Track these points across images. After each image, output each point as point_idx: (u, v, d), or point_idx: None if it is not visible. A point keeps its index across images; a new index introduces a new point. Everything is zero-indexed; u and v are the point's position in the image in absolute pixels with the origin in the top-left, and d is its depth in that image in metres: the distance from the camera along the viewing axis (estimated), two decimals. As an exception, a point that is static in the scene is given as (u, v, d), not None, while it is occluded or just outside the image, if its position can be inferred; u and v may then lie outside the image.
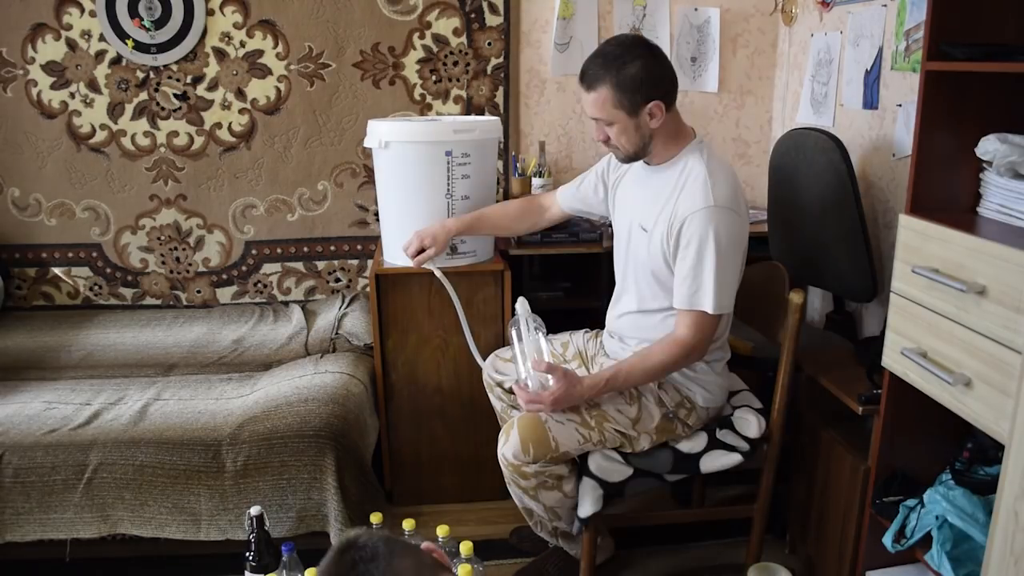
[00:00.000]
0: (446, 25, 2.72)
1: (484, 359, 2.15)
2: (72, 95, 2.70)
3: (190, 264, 2.88)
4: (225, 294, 2.92)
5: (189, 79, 2.70)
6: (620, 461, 1.81)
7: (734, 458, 1.84)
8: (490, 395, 2.16)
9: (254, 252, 2.88)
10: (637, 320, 1.88)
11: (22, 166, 2.75)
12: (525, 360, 1.79)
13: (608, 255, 2.29)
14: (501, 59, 2.77)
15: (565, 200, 2.11)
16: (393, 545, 0.97)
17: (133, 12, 2.61)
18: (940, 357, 1.37)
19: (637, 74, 1.67)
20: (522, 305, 1.82)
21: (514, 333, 1.82)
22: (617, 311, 1.96)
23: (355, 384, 2.25)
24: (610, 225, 2.05)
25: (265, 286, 2.92)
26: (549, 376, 1.73)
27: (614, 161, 1.97)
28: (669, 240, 1.73)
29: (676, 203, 1.73)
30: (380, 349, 2.30)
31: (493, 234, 2.29)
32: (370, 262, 2.85)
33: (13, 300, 2.87)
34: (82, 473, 1.92)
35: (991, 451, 1.51)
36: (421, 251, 2.11)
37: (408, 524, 1.70)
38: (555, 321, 2.22)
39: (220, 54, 2.69)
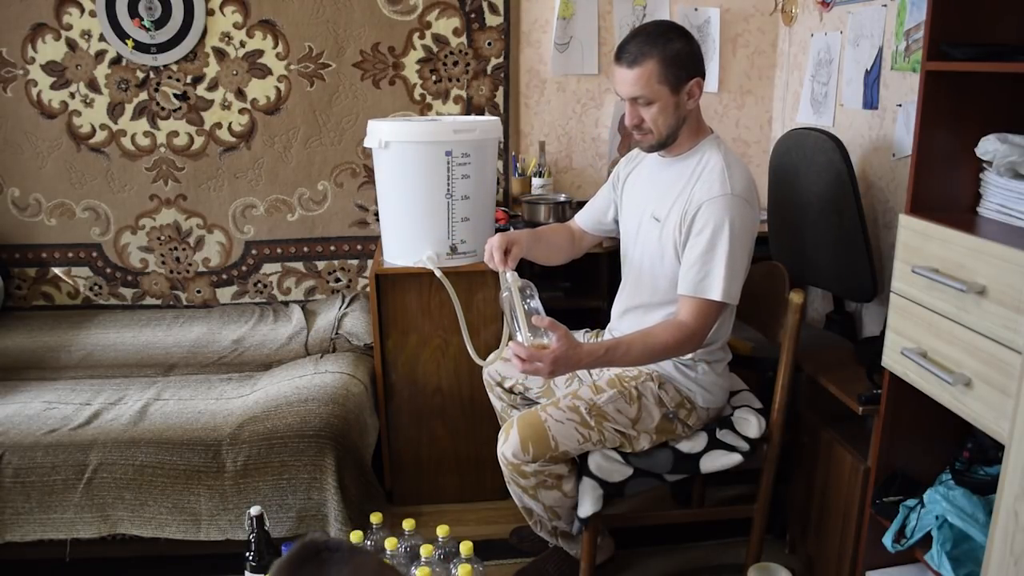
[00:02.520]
0: (446, 25, 2.72)
1: (483, 359, 2.14)
2: (72, 95, 2.70)
3: (190, 264, 2.88)
4: (225, 294, 2.92)
5: (189, 79, 2.70)
6: (620, 461, 1.81)
7: (734, 458, 1.84)
8: (490, 395, 2.16)
9: (254, 252, 2.88)
10: (641, 317, 1.87)
11: (22, 166, 2.75)
12: (519, 325, 1.68)
13: (608, 255, 2.30)
14: (501, 59, 2.77)
15: (583, 219, 2.08)
16: (356, 546, 0.97)
17: (133, 12, 2.61)
18: (940, 357, 1.37)
19: (683, 49, 1.68)
20: (512, 275, 1.74)
21: (505, 300, 1.75)
22: (621, 308, 1.95)
23: (355, 384, 2.26)
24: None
25: (265, 286, 2.92)
26: (552, 334, 1.62)
27: (623, 162, 1.99)
28: (682, 227, 1.73)
29: (692, 191, 1.73)
30: (380, 349, 2.30)
31: (549, 254, 2.04)
32: (370, 262, 2.85)
33: (13, 300, 2.87)
34: (82, 473, 1.92)
35: (991, 451, 1.51)
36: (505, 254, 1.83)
37: (408, 524, 1.70)
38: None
39: (220, 54, 2.69)
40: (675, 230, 1.74)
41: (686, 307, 1.72)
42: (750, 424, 1.88)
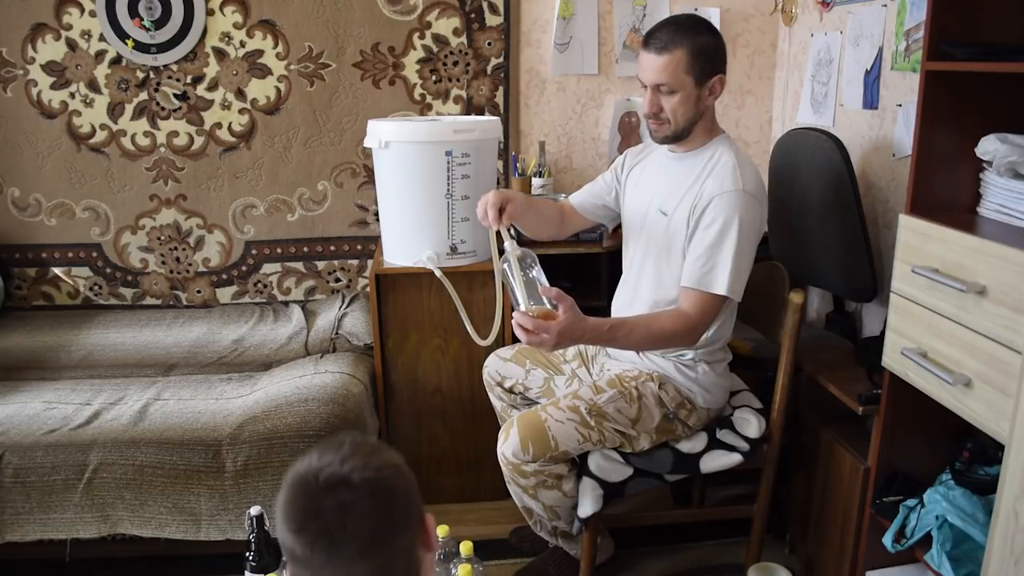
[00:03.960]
0: (446, 25, 2.72)
1: (481, 365, 2.12)
2: (72, 95, 2.70)
3: (190, 264, 2.88)
4: (225, 294, 2.92)
5: (189, 79, 2.70)
6: (620, 461, 1.81)
7: (734, 458, 1.84)
8: (490, 395, 2.16)
9: (254, 252, 2.88)
10: (643, 311, 1.87)
11: (22, 166, 2.75)
12: (519, 295, 1.64)
13: (609, 255, 2.30)
14: (501, 59, 2.77)
15: (576, 198, 2.07)
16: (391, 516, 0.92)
17: (133, 12, 2.61)
18: (940, 357, 1.37)
19: (711, 43, 1.70)
20: (511, 244, 1.68)
21: (507, 270, 1.67)
22: (623, 302, 1.94)
23: (355, 384, 2.26)
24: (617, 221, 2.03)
25: (265, 286, 2.92)
26: (559, 305, 1.60)
27: (629, 154, 1.98)
28: (690, 221, 1.73)
29: (702, 186, 1.74)
30: (380, 349, 2.30)
31: (538, 225, 2.00)
32: (370, 262, 2.85)
33: (13, 300, 2.87)
34: (82, 473, 1.92)
35: (991, 451, 1.51)
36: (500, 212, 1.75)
37: (408, 524, 1.69)
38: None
39: (220, 54, 2.69)
40: (683, 224, 1.75)
41: (689, 299, 1.72)
42: (750, 424, 1.88)
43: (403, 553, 0.93)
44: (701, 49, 1.68)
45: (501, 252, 1.72)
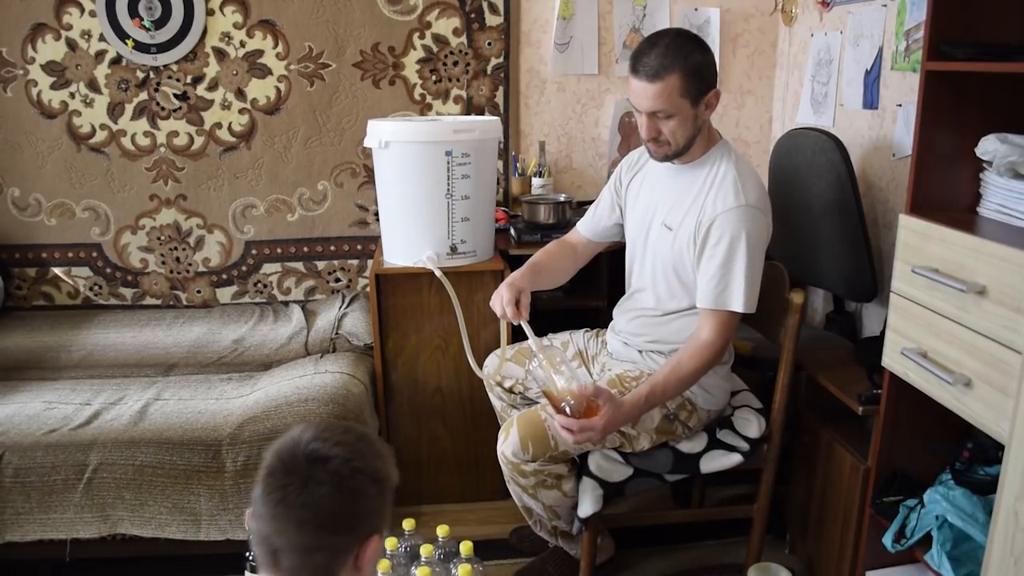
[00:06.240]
0: (446, 25, 2.72)
1: (481, 366, 2.11)
2: (72, 95, 2.70)
3: (190, 264, 2.88)
4: (225, 294, 2.92)
5: (189, 79, 2.70)
6: (620, 461, 1.81)
7: (734, 458, 1.84)
8: (490, 394, 2.16)
9: (254, 252, 2.88)
10: (652, 320, 1.87)
11: (22, 166, 2.75)
12: (555, 387, 1.68)
13: (608, 255, 2.30)
14: (501, 59, 2.77)
15: (586, 227, 2.05)
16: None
17: (133, 12, 2.61)
18: (940, 357, 1.37)
19: (702, 61, 1.66)
20: (534, 341, 1.73)
21: (536, 368, 1.72)
22: (630, 311, 1.94)
23: (355, 384, 2.26)
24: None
25: (265, 286, 2.92)
26: (598, 400, 1.64)
27: (624, 166, 1.97)
28: (696, 239, 1.72)
29: (705, 202, 1.72)
30: (380, 349, 2.30)
31: (552, 280, 2.03)
32: (370, 262, 2.85)
33: (13, 300, 2.87)
34: (82, 473, 1.92)
35: (991, 451, 1.51)
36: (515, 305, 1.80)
37: (408, 524, 1.70)
38: (555, 321, 2.22)
39: (220, 54, 2.69)
40: (689, 240, 1.74)
41: (709, 322, 1.72)
42: (750, 424, 1.88)
43: (332, 552, 0.99)
44: (694, 70, 1.64)
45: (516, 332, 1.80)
